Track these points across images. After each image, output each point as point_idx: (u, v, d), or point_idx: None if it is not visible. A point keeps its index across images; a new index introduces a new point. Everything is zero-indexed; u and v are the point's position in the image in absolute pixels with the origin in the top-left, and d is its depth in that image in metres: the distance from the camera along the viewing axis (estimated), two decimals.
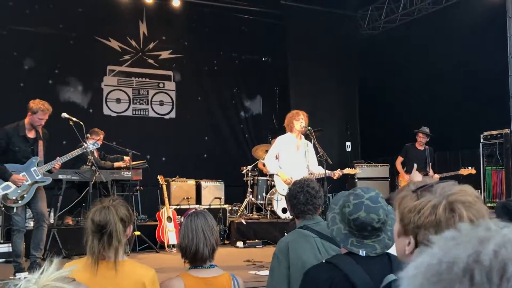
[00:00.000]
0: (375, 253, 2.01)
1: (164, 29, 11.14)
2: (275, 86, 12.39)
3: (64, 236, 7.15)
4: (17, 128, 5.63)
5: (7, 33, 9.57)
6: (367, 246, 2.02)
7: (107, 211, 2.41)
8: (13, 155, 5.59)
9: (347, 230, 2.06)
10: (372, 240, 2.03)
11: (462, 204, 1.30)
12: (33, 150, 5.73)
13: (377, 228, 2.02)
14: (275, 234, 8.50)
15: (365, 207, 2.02)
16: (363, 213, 2.01)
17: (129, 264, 2.45)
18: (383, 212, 2.03)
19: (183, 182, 9.39)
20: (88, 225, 2.43)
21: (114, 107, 10.68)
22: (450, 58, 9.95)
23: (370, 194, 2.06)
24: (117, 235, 2.39)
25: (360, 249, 2.01)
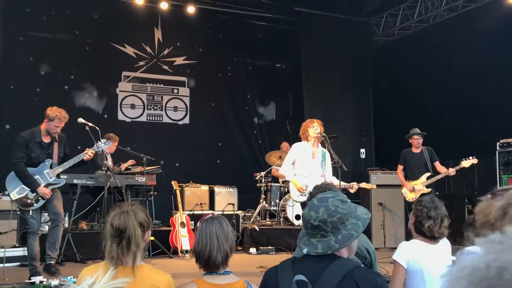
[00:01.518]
0: (315, 252, 2.02)
1: (178, 36, 11.20)
2: (289, 92, 12.39)
3: (79, 240, 7.20)
4: (33, 135, 5.79)
5: (24, 38, 9.69)
6: (310, 245, 2.05)
7: (126, 216, 2.42)
8: (30, 160, 5.74)
9: (305, 229, 2.14)
10: (317, 240, 2.05)
11: None
12: (49, 154, 5.86)
13: (316, 226, 2.03)
14: (288, 241, 8.48)
15: (310, 205, 2.09)
16: (305, 210, 2.09)
17: (145, 269, 2.45)
18: (324, 211, 2.03)
19: (196, 188, 9.40)
20: (107, 229, 2.43)
21: (128, 112, 10.75)
22: (466, 65, 9.86)
23: (323, 195, 2.10)
24: (135, 240, 2.40)
25: (305, 247, 2.06)
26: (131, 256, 2.40)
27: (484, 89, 9.54)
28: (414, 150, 8.18)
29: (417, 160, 8.10)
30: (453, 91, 10.21)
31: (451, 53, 10.26)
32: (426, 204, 3.24)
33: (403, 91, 11.48)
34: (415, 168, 8.12)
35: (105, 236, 2.44)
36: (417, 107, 10.95)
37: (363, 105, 11.88)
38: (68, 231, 7.19)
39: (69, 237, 7.00)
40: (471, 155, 9.89)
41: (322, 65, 11.45)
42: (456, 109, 10.14)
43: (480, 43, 9.62)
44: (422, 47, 11.13)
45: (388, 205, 9.18)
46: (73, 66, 10.15)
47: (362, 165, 10.64)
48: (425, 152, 8.10)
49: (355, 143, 11.25)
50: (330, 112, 10.91)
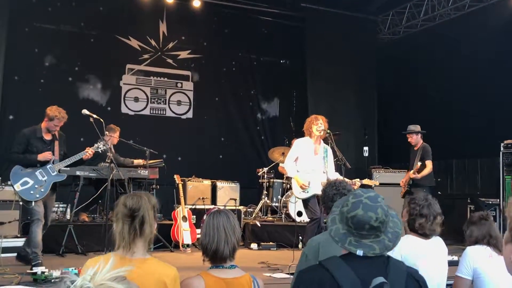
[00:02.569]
0: (373, 253, 1.98)
1: (183, 29, 11.18)
2: (293, 88, 12.36)
3: (80, 232, 7.20)
4: (34, 131, 6.01)
5: (29, 30, 9.68)
6: (365, 246, 1.99)
7: (139, 198, 2.43)
8: (31, 154, 5.91)
9: (345, 229, 2.03)
10: (370, 240, 2.00)
11: None
12: (50, 150, 6.03)
13: (375, 227, 1.99)
14: (289, 237, 8.47)
15: (363, 205, 2.00)
16: (360, 211, 1.99)
17: (152, 262, 2.44)
18: (381, 211, 2.00)
19: (199, 182, 9.41)
20: (119, 210, 2.41)
21: (132, 105, 10.74)
22: (471, 65, 9.83)
23: (369, 194, 2.05)
24: (149, 221, 2.39)
25: (358, 249, 1.98)
26: (143, 241, 2.39)
27: (489, 89, 9.51)
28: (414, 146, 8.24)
29: (412, 157, 8.17)
30: (458, 90, 10.17)
31: (457, 52, 10.22)
32: (419, 202, 3.25)
33: (408, 89, 11.45)
34: (410, 165, 8.20)
35: (116, 218, 2.41)
36: (421, 106, 10.93)
37: (367, 103, 11.85)
38: (69, 223, 7.19)
39: (71, 229, 7.00)
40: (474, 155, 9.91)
41: (326, 62, 11.41)
42: (460, 109, 10.12)
43: (487, 42, 9.58)
44: (428, 46, 11.09)
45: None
46: (78, 58, 10.14)
47: (365, 163, 10.62)
48: (420, 150, 8.10)
49: (359, 141, 11.23)
50: (334, 109, 10.89)
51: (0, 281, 4.96)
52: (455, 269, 3.52)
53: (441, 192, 10.06)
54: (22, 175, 5.85)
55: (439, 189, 10.01)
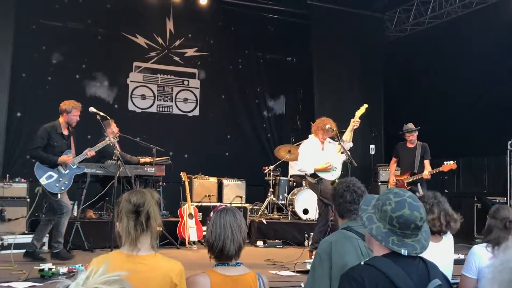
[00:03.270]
0: (416, 252, 1.99)
1: (190, 27, 11.19)
2: (299, 86, 12.35)
3: (87, 229, 7.23)
4: (54, 126, 6.30)
5: (36, 27, 9.72)
6: (407, 245, 1.99)
7: (143, 193, 2.44)
8: (52, 149, 6.22)
9: (387, 228, 2.01)
10: (412, 240, 2.00)
11: None
12: (68, 145, 6.38)
13: (419, 226, 2.00)
14: (295, 235, 8.49)
15: (408, 205, 1.99)
16: (407, 211, 1.98)
17: (158, 257, 2.45)
18: (423, 211, 2.02)
19: (205, 180, 9.43)
20: (124, 206, 2.41)
21: (139, 103, 10.77)
22: (479, 63, 9.78)
23: (409, 194, 2.05)
24: (155, 216, 2.40)
25: (402, 248, 1.97)
26: (148, 237, 2.40)
27: (497, 87, 9.45)
28: (408, 144, 8.10)
29: (408, 155, 8.02)
30: (465, 88, 10.12)
31: (464, 50, 10.16)
32: (428, 200, 3.20)
33: (414, 87, 11.41)
34: (404, 164, 8.08)
35: (120, 215, 2.41)
36: (428, 104, 10.89)
37: (374, 101, 11.76)
38: (76, 220, 7.23)
39: (78, 226, 7.04)
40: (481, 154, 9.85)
41: (333, 60, 11.39)
42: (468, 107, 10.07)
43: (494, 40, 9.53)
44: (435, 44, 11.03)
45: None
46: (85, 55, 10.17)
47: (372, 161, 10.60)
48: (419, 148, 8.00)
49: (365, 139, 11.20)
50: (340, 107, 10.86)
51: (8, 277, 5.00)
52: (461, 267, 3.50)
53: (448, 191, 10.02)
54: (46, 169, 6.18)
55: (445, 187, 9.98)
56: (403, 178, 7.95)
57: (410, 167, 7.98)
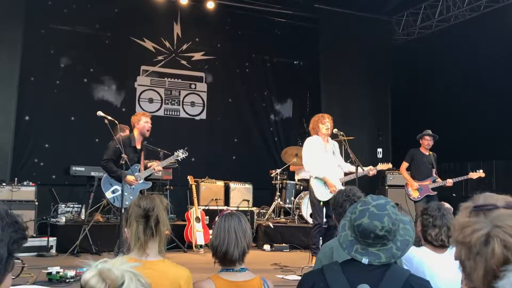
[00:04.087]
0: (379, 262, 1.96)
1: (197, 31, 11.21)
2: (306, 90, 12.35)
3: (95, 232, 7.26)
4: (129, 139, 6.32)
5: (45, 31, 9.78)
6: (371, 254, 1.98)
7: (152, 198, 2.45)
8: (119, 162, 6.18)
9: (353, 237, 2.03)
10: (377, 249, 1.98)
11: (500, 241, 1.24)
12: (138, 159, 6.40)
13: (381, 236, 1.97)
14: (302, 239, 8.47)
15: (369, 213, 1.99)
16: (366, 220, 1.98)
17: (165, 264, 2.46)
18: (388, 220, 1.98)
19: (212, 183, 9.44)
20: (133, 211, 2.43)
21: (146, 106, 10.80)
22: (486, 66, 9.74)
23: (378, 202, 2.03)
24: (164, 221, 2.41)
25: (363, 257, 1.97)
26: (157, 242, 2.41)
27: (505, 91, 9.40)
28: (423, 151, 8.07)
29: (425, 162, 8.00)
30: (473, 92, 10.08)
31: (472, 54, 10.13)
32: (432, 213, 3.16)
33: (422, 91, 11.37)
34: (424, 169, 7.99)
35: (130, 220, 2.42)
36: (436, 108, 10.85)
37: (381, 104, 11.79)
38: (84, 223, 7.26)
39: (86, 229, 7.07)
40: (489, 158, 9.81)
41: (340, 63, 11.38)
42: (475, 110, 10.03)
43: (502, 44, 9.49)
44: (443, 47, 11.00)
45: (404, 206, 9.09)
46: (93, 59, 10.22)
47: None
48: (432, 156, 8.04)
49: (372, 143, 11.18)
50: (347, 111, 10.86)
51: (16, 281, 5.02)
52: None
53: (456, 194, 9.97)
54: (113, 183, 6.25)
55: (453, 191, 9.93)
56: (427, 184, 7.91)
57: (429, 172, 7.96)
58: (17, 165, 9.21)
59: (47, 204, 7.96)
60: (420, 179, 7.97)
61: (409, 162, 8.15)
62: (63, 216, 7.78)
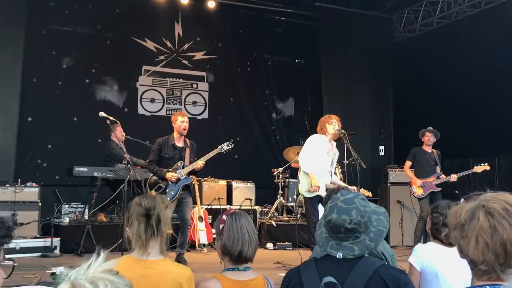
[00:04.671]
0: (353, 255, 2.00)
1: (198, 30, 11.23)
2: (308, 88, 12.35)
3: (98, 232, 7.28)
4: (167, 139, 6.69)
5: (46, 32, 9.81)
6: (345, 249, 2.01)
7: (154, 198, 2.47)
8: (164, 161, 6.60)
9: (327, 233, 2.08)
10: (350, 242, 2.02)
11: (484, 210, 1.35)
12: (181, 156, 6.68)
13: (350, 229, 2.00)
14: (305, 237, 8.47)
15: (337, 209, 2.03)
16: (334, 215, 2.02)
17: (166, 263, 2.47)
18: (356, 213, 2.01)
19: (214, 183, 9.46)
20: (135, 210, 2.44)
21: (148, 106, 10.83)
22: (488, 62, 9.73)
23: (346, 196, 2.07)
24: (165, 220, 2.43)
25: (338, 252, 2.01)
26: (158, 241, 2.42)
27: (506, 87, 9.40)
28: (426, 148, 8.06)
29: (429, 159, 7.99)
30: (474, 88, 10.08)
31: (473, 50, 10.12)
32: (442, 211, 3.17)
33: (424, 88, 11.37)
34: (427, 167, 7.97)
35: (131, 219, 2.43)
36: (438, 105, 10.85)
37: (383, 102, 11.80)
38: (87, 223, 7.28)
39: (89, 229, 7.09)
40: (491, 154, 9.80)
41: (342, 61, 11.40)
42: (477, 107, 10.03)
43: (503, 41, 9.48)
44: (444, 44, 11.00)
45: (406, 203, 9.11)
46: (95, 60, 10.24)
47: (381, 163, 10.57)
48: (435, 153, 8.02)
49: (374, 140, 11.19)
50: (349, 109, 10.86)
51: (20, 281, 5.05)
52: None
53: (458, 191, 9.97)
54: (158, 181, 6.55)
55: (456, 188, 9.93)
56: (431, 180, 7.89)
57: (433, 170, 7.95)
58: (20, 166, 9.24)
59: (51, 205, 7.97)
60: (423, 176, 7.96)
61: (412, 161, 8.14)
62: (66, 216, 7.80)
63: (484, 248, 1.32)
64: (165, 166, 6.57)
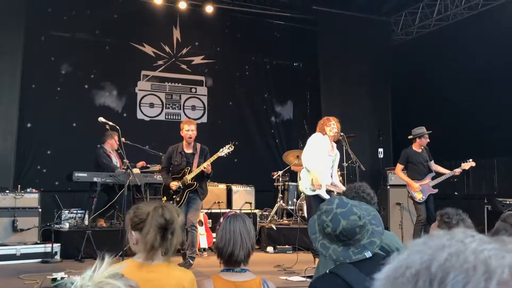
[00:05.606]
0: (377, 246, 2.03)
1: (197, 35, 11.26)
2: (306, 91, 12.37)
3: (98, 238, 7.28)
4: (177, 147, 6.90)
5: (45, 38, 9.84)
6: (367, 247, 2.02)
7: (172, 211, 2.46)
8: (174, 167, 6.88)
9: (341, 246, 2.04)
10: (367, 238, 2.04)
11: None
12: (189, 162, 6.85)
13: (363, 225, 2.03)
14: (305, 240, 8.46)
15: (341, 215, 2.02)
16: (343, 222, 2.01)
17: (169, 266, 2.49)
18: (356, 208, 2.04)
19: (214, 187, 9.46)
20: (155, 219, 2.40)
21: (147, 111, 10.85)
22: (485, 64, 9.76)
23: (336, 202, 2.07)
24: (178, 234, 2.46)
25: (364, 252, 2.01)
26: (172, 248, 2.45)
27: (504, 88, 9.43)
28: (416, 149, 7.97)
29: (421, 160, 7.92)
30: (472, 90, 10.10)
31: (470, 52, 10.15)
32: (453, 218, 3.14)
33: (422, 90, 11.40)
34: (421, 169, 7.91)
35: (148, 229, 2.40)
36: (436, 106, 10.88)
37: (381, 104, 11.82)
38: (87, 229, 7.29)
39: (89, 235, 7.09)
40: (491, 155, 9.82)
41: (340, 64, 11.42)
42: (475, 108, 10.04)
43: (500, 42, 9.51)
44: (442, 46, 11.03)
45: (406, 205, 9.12)
46: (93, 65, 10.27)
47: (380, 165, 10.58)
48: (425, 152, 7.95)
49: (373, 143, 11.20)
50: (348, 111, 10.87)
51: (21, 287, 5.05)
52: None
53: (458, 193, 9.99)
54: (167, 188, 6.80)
55: (455, 189, 9.95)
56: (427, 182, 7.81)
57: (427, 170, 7.92)
58: (20, 172, 9.25)
59: (51, 211, 7.97)
60: (419, 178, 7.88)
61: (404, 164, 8.02)
62: (66, 222, 7.80)
63: None
64: (176, 172, 6.83)
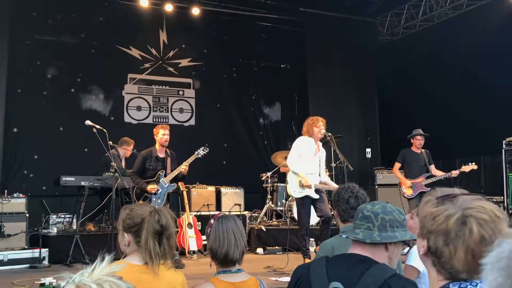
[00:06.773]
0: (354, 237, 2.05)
1: (183, 37, 11.24)
2: (294, 93, 12.41)
3: (87, 242, 7.23)
4: (151, 151, 6.94)
5: (30, 42, 9.76)
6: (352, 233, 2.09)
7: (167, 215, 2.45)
8: (148, 172, 6.84)
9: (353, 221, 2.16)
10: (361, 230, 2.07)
11: (476, 220, 1.30)
12: (164, 166, 6.92)
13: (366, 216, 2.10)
14: (295, 241, 8.49)
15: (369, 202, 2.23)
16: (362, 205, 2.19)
17: (161, 268, 2.48)
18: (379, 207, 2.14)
19: (203, 189, 9.44)
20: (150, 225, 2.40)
21: (134, 114, 10.80)
22: (471, 64, 9.86)
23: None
24: (172, 238, 2.46)
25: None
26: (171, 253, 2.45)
27: (489, 88, 9.53)
28: (414, 149, 8.17)
29: (417, 160, 8.10)
30: (459, 89, 10.20)
31: (456, 51, 10.26)
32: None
33: (408, 89, 11.48)
34: (415, 168, 8.10)
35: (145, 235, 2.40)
36: (423, 106, 10.96)
37: (369, 105, 11.89)
38: (76, 233, 7.24)
39: (77, 239, 7.04)
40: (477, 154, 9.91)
41: (327, 65, 11.47)
42: (461, 108, 10.14)
43: (485, 41, 9.62)
44: (427, 46, 11.13)
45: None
46: (79, 69, 10.20)
47: (368, 165, 10.65)
48: (424, 154, 8.12)
49: (361, 143, 11.27)
50: (335, 112, 10.92)
51: None
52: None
53: None
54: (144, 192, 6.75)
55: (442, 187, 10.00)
56: (420, 181, 7.99)
57: (422, 170, 8.05)
58: (6, 177, 9.16)
59: (38, 216, 7.91)
60: (412, 177, 8.07)
61: (401, 163, 8.25)
62: (54, 227, 7.74)
63: (471, 260, 1.29)
64: (150, 176, 6.80)
